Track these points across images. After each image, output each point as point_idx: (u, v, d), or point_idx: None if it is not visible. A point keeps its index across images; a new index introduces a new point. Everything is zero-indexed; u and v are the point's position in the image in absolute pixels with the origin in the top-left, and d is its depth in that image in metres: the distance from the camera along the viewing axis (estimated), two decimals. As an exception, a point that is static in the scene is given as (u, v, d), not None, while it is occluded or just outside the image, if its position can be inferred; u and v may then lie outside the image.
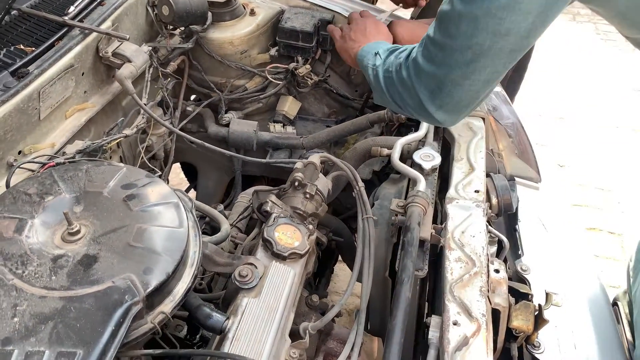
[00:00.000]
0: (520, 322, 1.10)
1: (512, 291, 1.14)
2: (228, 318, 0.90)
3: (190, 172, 2.20)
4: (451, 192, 1.28)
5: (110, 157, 1.43)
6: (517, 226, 1.45)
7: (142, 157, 1.49)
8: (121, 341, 0.79)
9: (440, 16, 1.08)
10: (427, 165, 1.31)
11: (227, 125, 1.72)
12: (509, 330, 1.12)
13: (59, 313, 0.80)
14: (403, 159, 1.39)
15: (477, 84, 1.09)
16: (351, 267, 1.83)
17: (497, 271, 1.13)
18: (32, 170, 1.15)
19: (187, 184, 2.25)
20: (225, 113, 1.75)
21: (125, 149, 1.54)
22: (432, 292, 1.42)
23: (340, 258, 1.87)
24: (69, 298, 0.82)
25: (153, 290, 0.85)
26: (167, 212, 0.97)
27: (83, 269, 0.86)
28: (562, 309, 1.20)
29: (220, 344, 0.88)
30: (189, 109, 1.75)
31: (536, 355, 1.15)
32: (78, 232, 0.90)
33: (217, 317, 0.89)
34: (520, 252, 1.39)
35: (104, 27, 1.34)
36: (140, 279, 0.85)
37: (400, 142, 1.36)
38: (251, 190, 1.55)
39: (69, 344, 0.77)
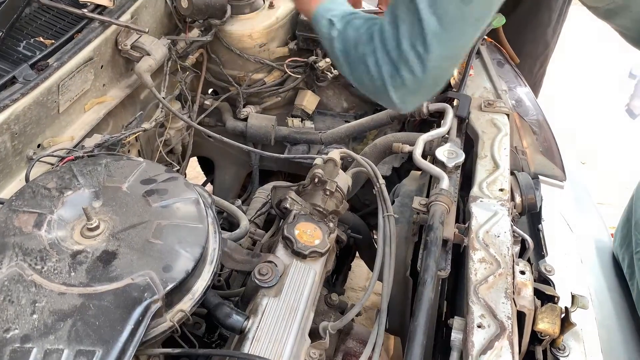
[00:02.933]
0: (546, 325, 1.07)
1: (537, 293, 1.11)
2: (248, 318, 0.88)
3: (207, 166, 2.20)
4: (475, 191, 1.24)
5: (129, 151, 1.42)
6: (540, 226, 1.41)
7: (160, 151, 1.48)
8: (140, 340, 0.78)
9: None
10: (450, 163, 1.28)
11: (245, 119, 1.71)
12: (533, 333, 1.09)
13: (78, 310, 0.79)
14: (424, 155, 1.36)
15: (441, 60, 0.99)
16: (369, 265, 1.82)
17: (522, 273, 1.10)
18: (51, 164, 1.14)
19: (204, 178, 2.25)
20: (244, 107, 1.73)
21: (144, 142, 1.53)
22: (451, 292, 1.39)
23: (357, 254, 1.85)
24: (88, 295, 0.81)
25: (172, 288, 0.84)
26: (187, 208, 0.95)
27: (102, 265, 0.85)
28: (589, 311, 1.17)
29: (240, 343, 0.86)
30: (206, 102, 1.73)
31: (561, 359, 1.12)
32: (97, 227, 0.89)
33: (236, 316, 0.88)
34: (544, 252, 1.36)
35: (123, 19, 1.32)
36: (160, 276, 0.84)
37: (423, 139, 1.33)
38: (269, 185, 1.54)
39: (88, 342, 0.76)
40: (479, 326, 0.98)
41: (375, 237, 1.96)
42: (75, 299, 0.80)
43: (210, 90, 1.89)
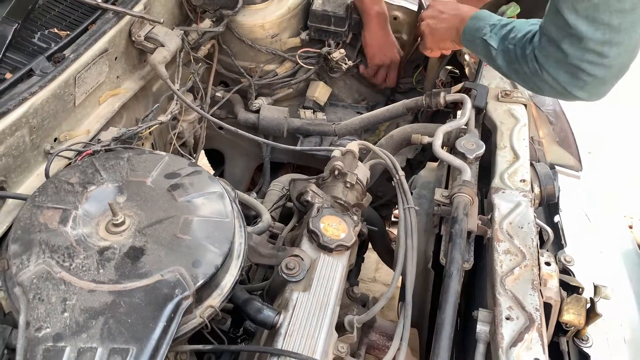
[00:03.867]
0: (572, 316, 1.06)
1: (561, 284, 1.11)
2: (279, 313, 0.87)
3: (215, 158, 2.18)
4: (496, 182, 1.23)
5: (143, 144, 1.40)
6: (558, 216, 1.40)
7: (174, 144, 1.46)
8: (173, 337, 0.77)
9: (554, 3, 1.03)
10: (471, 154, 1.26)
11: (257, 111, 1.69)
12: (558, 324, 1.09)
13: (109, 308, 0.77)
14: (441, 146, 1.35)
15: (618, 59, 1.02)
16: (382, 256, 1.81)
17: (547, 264, 1.10)
18: (69, 158, 1.12)
19: (212, 171, 2.23)
20: (255, 99, 1.71)
21: (156, 135, 1.51)
22: (465, 284, 1.38)
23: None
24: (118, 292, 0.79)
25: (203, 284, 0.83)
26: (213, 202, 0.94)
27: (130, 261, 0.83)
28: (610, 301, 1.17)
29: (272, 339, 0.85)
30: (217, 94, 1.71)
31: (585, 350, 1.12)
32: (123, 223, 0.88)
33: (267, 312, 0.87)
34: (562, 242, 1.35)
35: (136, 10, 1.30)
36: (190, 272, 0.83)
37: (442, 130, 1.31)
38: (284, 178, 1.52)
39: (121, 340, 0.74)
40: (507, 318, 0.97)
41: (388, 228, 1.96)
42: (106, 296, 0.79)
43: (219, 82, 1.87)
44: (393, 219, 2.18)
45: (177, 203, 0.92)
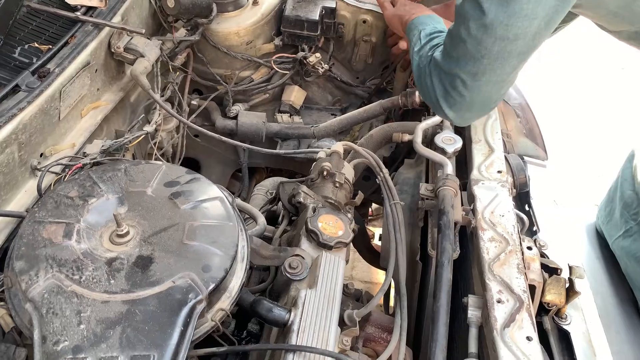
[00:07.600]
0: (553, 296, 1.13)
1: (542, 266, 1.18)
2: (289, 311, 0.90)
3: (190, 167, 2.16)
4: (475, 174, 1.30)
5: (124, 155, 1.39)
6: (530, 203, 1.49)
7: (156, 154, 1.46)
8: (190, 341, 0.79)
9: (456, 13, 1.08)
10: (450, 149, 1.32)
11: (235, 117, 1.70)
12: (540, 305, 1.16)
13: (125, 317, 0.78)
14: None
15: (488, 86, 1.10)
16: (362, 254, 1.86)
17: (529, 248, 1.17)
18: (56, 173, 1.11)
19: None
20: (232, 105, 1.72)
21: (135, 146, 1.50)
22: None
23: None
24: (132, 301, 0.80)
25: (214, 287, 0.84)
26: (215, 207, 0.96)
27: (140, 270, 0.84)
28: (584, 280, 1.25)
29: (285, 337, 0.88)
30: (193, 102, 1.71)
31: (564, 327, 1.19)
32: (127, 233, 0.89)
33: (278, 310, 0.89)
34: (535, 228, 1.43)
35: (114, 21, 1.30)
36: (200, 276, 0.85)
37: (421, 127, 1.37)
38: (267, 182, 1.55)
39: (141, 347, 0.76)
40: (498, 301, 1.03)
41: (366, 226, 2.00)
42: (120, 306, 0.80)
43: (192, 91, 1.87)
44: (369, 216, 2.24)
45: (180, 210, 0.93)
